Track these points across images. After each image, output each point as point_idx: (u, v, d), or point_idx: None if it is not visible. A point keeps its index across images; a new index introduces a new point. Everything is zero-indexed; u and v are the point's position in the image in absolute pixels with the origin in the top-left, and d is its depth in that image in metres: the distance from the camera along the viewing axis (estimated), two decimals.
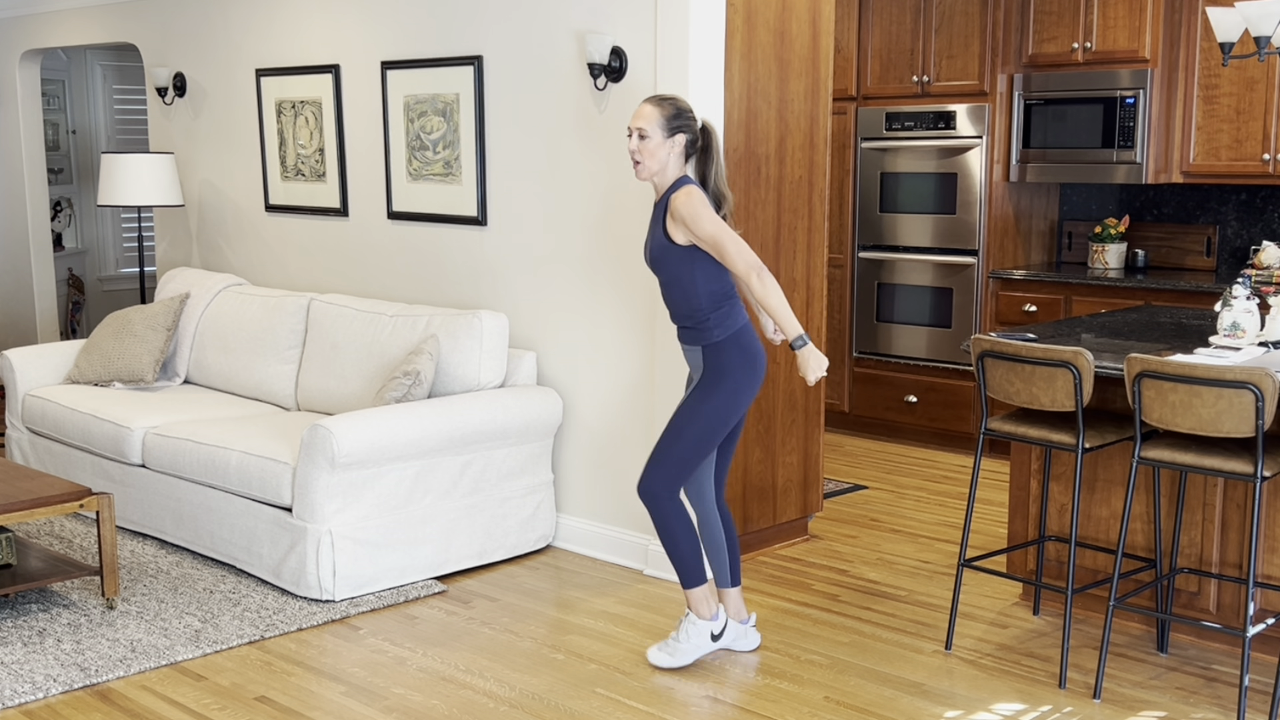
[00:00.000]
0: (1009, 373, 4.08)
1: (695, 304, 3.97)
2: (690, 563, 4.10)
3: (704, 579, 4.13)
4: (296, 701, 3.93)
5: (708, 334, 3.98)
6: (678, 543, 4.08)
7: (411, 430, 4.79)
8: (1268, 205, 6.47)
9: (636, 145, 3.96)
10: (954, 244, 6.95)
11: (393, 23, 5.82)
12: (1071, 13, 6.50)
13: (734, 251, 3.85)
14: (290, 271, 6.60)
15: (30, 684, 4.03)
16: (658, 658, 4.16)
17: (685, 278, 3.97)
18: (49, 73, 9.35)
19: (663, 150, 3.94)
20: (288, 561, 4.79)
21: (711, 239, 3.86)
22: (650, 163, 3.95)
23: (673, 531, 4.07)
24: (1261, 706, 3.85)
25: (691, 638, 4.14)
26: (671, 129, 3.93)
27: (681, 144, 3.96)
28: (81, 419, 5.73)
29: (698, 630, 4.14)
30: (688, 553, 4.09)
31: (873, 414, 7.42)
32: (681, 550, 4.09)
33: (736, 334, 3.98)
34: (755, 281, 3.85)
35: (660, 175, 3.98)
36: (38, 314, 8.68)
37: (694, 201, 3.87)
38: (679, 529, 4.06)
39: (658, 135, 3.93)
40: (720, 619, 4.19)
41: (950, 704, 3.89)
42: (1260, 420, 3.57)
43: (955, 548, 5.43)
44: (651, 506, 4.06)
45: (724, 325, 3.97)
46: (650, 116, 3.93)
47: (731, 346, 3.97)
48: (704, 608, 4.15)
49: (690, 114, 3.98)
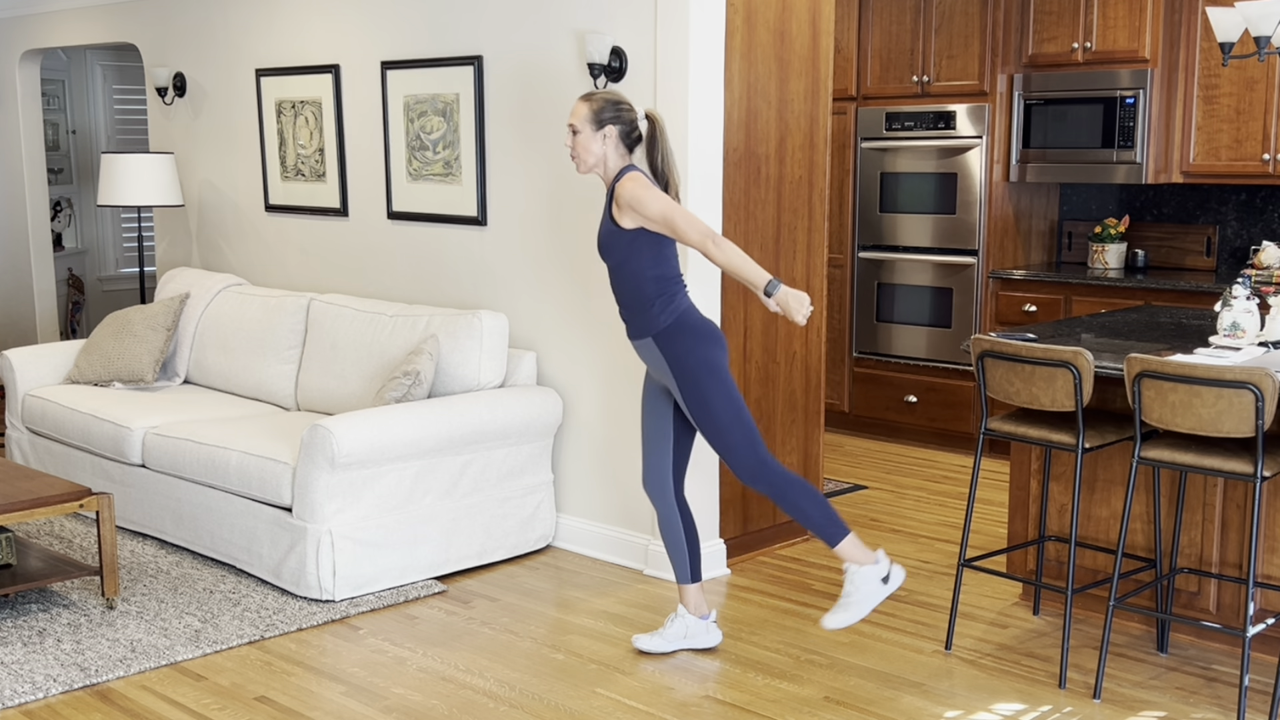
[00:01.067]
0: (1009, 373, 4.08)
1: (642, 289, 4.02)
2: (823, 520, 4.02)
3: (846, 530, 4.04)
4: (296, 701, 3.93)
5: (654, 320, 4.02)
6: (802, 506, 4.02)
7: (411, 430, 4.79)
8: (1268, 205, 6.47)
9: (570, 141, 4.08)
10: (954, 244, 6.95)
11: (392, 23, 5.83)
12: (1071, 13, 6.51)
13: (684, 224, 3.91)
14: (290, 271, 6.60)
15: (30, 684, 4.03)
16: (835, 619, 4.04)
17: (633, 261, 4.01)
18: (49, 73, 9.35)
19: (595, 143, 4.03)
20: (288, 561, 4.79)
21: (661, 215, 3.92)
22: (586, 156, 4.06)
23: (793, 499, 4.02)
24: (1261, 706, 3.85)
25: (861, 586, 4.05)
26: (599, 122, 4.02)
27: (614, 135, 4.04)
28: (81, 419, 5.73)
29: (865, 577, 4.05)
30: (817, 512, 4.02)
31: (873, 414, 7.42)
32: (809, 512, 4.01)
33: (681, 316, 4.03)
34: (712, 247, 3.89)
35: (602, 168, 4.07)
36: (38, 314, 8.68)
37: (637, 186, 3.95)
38: (796, 493, 4.01)
39: (587, 129, 4.03)
40: (883, 561, 4.08)
41: (950, 704, 3.89)
42: (1260, 420, 3.57)
43: (955, 548, 5.43)
44: (764, 487, 4.03)
45: (668, 310, 4.01)
46: (579, 112, 4.04)
47: (678, 330, 4.01)
48: (861, 554, 4.05)
49: (620, 105, 4.05)
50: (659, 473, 4.24)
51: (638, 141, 4.09)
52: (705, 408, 4.02)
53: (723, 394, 4.02)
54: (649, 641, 4.26)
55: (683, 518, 4.27)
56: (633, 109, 4.07)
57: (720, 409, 4.01)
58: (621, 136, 4.05)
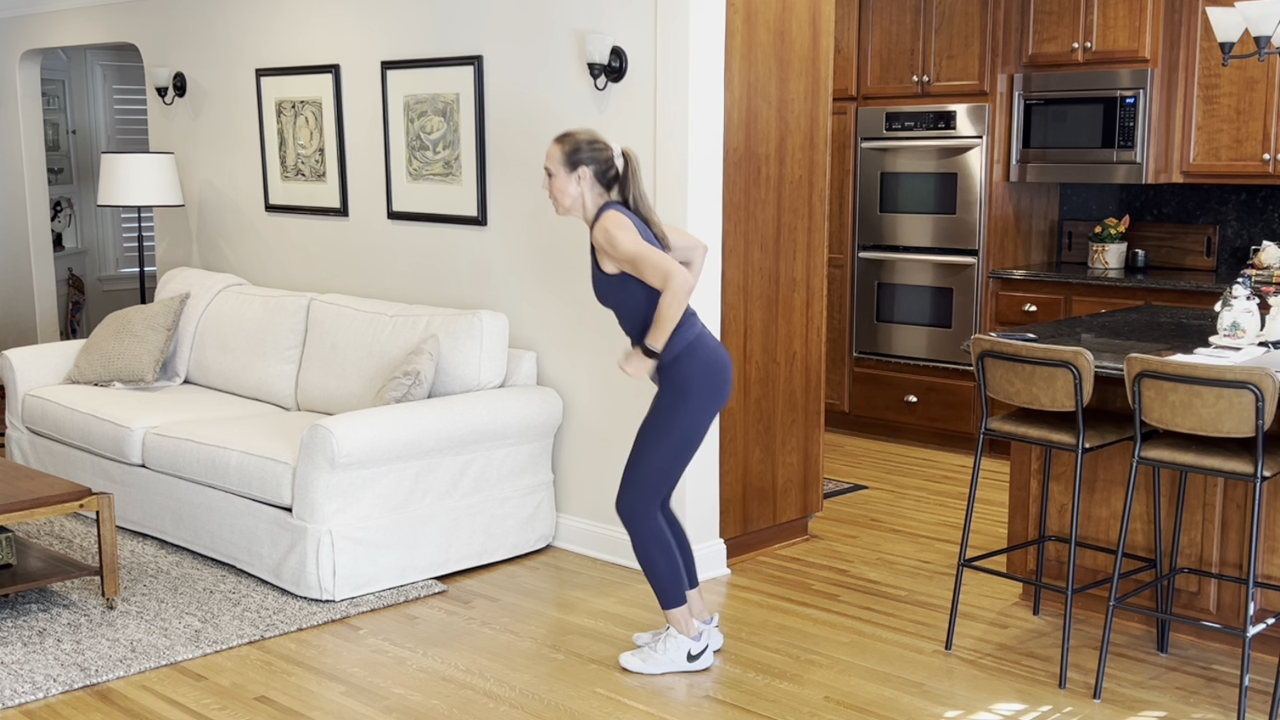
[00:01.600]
0: (1009, 373, 4.08)
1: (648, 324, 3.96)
2: (669, 584, 4.07)
3: (683, 600, 4.10)
4: (296, 701, 3.93)
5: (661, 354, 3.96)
6: (656, 564, 4.06)
7: (411, 430, 4.79)
8: (1268, 205, 6.47)
9: (546, 184, 4.04)
10: (954, 244, 6.95)
11: (392, 23, 5.82)
12: (1071, 13, 6.50)
13: (649, 267, 3.85)
14: (290, 271, 6.60)
15: (30, 684, 4.03)
16: (630, 661, 4.14)
17: (630, 303, 3.97)
18: (49, 73, 9.35)
19: (571, 185, 3.98)
20: (288, 561, 4.79)
21: (628, 257, 3.87)
22: (562, 199, 4.01)
23: (650, 553, 4.05)
24: (1261, 706, 3.85)
25: (670, 651, 4.11)
26: (572, 163, 3.97)
27: (589, 175, 3.97)
28: (81, 419, 5.73)
29: (677, 645, 4.11)
30: (666, 574, 4.06)
31: (873, 414, 7.42)
32: (660, 571, 4.06)
33: (691, 344, 3.95)
34: (673, 286, 3.81)
35: (579, 208, 4.01)
36: (38, 314, 8.68)
37: (610, 226, 3.88)
38: (656, 550, 4.04)
39: (561, 171, 3.98)
40: (701, 641, 4.14)
41: (950, 704, 3.89)
42: (1260, 420, 3.57)
43: (955, 548, 5.43)
44: (629, 527, 4.05)
45: (674, 343, 3.94)
46: (553, 155, 4.00)
47: (688, 359, 3.95)
48: (686, 628, 4.12)
49: (595, 144, 3.98)
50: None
51: (614, 180, 4.01)
52: (662, 432, 3.98)
53: (683, 436, 3.98)
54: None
55: (671, 528, 4.25)
56: (608, 147, 4.00)
57: (670, 444, 3.98)
58: (597, 176, 3.98)
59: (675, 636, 4.12)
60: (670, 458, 4.00)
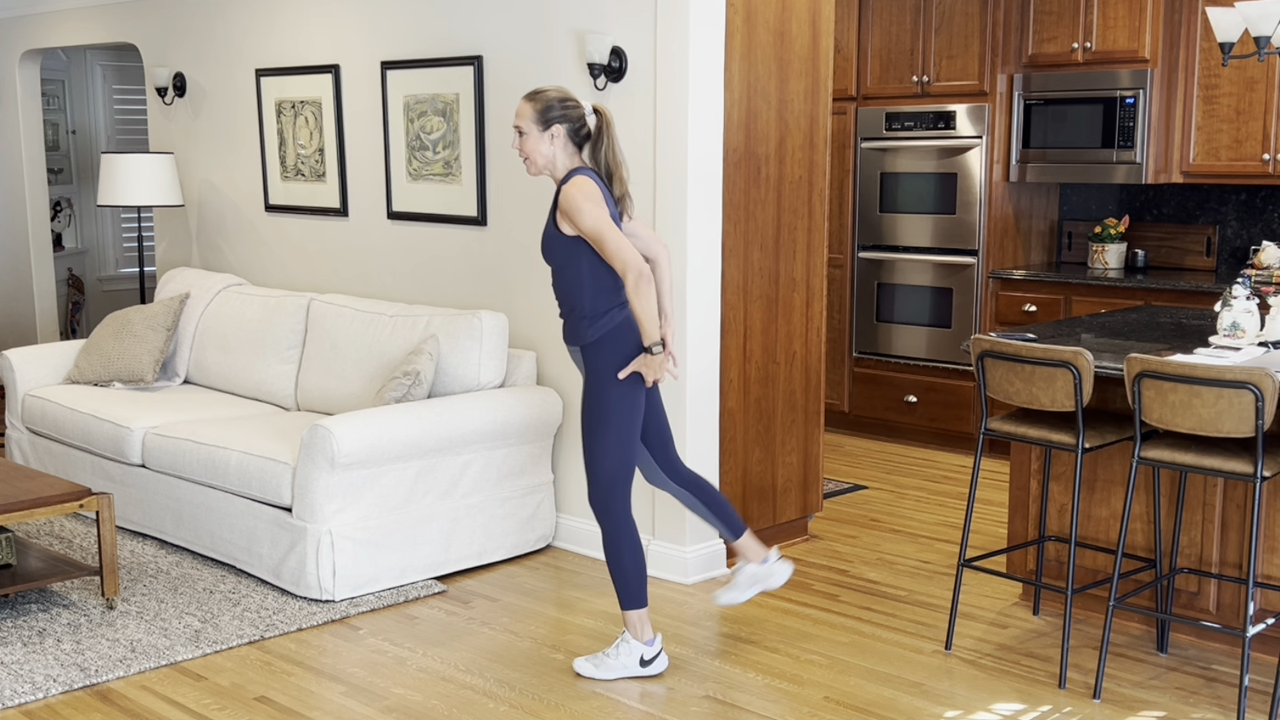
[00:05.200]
0: (1009, 373, 4.08)
1: (579, 298, 3.96)
2: (632, 584, 4.04)
3: (644, 602, 4.07)
4: (296, 701, 3.93)
5: (583, 332, 3.96)
6: (622, 561, 4.03)
7: (411, 430, 4.79)
8: (1268, 205, 6.47)
9: (517, 143, 3.98)
10: (954, 244, 6.95)
11: (393, 23, 5.83)
12: (1071, 13, 6.51)
13: (613, 249, 3.83)
14: (290, 271, 6.60)
15: (30, 684, 4.03)
16: (583, 666, 4.11)
17: (570, 269, 3.95)
18: (49, 73, 9.35)
19: (544, 144, 3.94)
20: (288, 561, 4.79)
21: (592, 232, 3.85)
22: (536, 157, 3.96)
23: (619, 548, 4.02)
24: (1261, 706, 3.85)
25: (622, 656, 4.08)
26: (545, 121, 3.92)
27: (562, 134, 3.94)
28: (81, 419, 5.73)
29: (630, 650, 4.08)
30: (631, 573, 4.03)
31: (873, 414, 7.42)
32: (625, 568, 4.03)
33: (614, 330, 3.94)
34: (630, 281, 3.82)
35: (551, 168, 3.97)
36: (38, 314, 8.68)
37: (578, 194, 3.85)
38: (625, 547, 4.02)
39: (534, 130, 3.93)
40: (655, 646, 4.11)
41: (950, 704, 3.89)
42: (1260, 420, 3.57)
43: (955, 548, 5.43)
44: (601, 522, 4.03)
45: (599, 324, 3.94)
46: (524, 113, 3.94)
47: (606, 343, 3.94)
48: (640, 630, 4.09)
49: (567, 102, 3.95)
50: (648, 468, 4.24)
51: (586, 139, 3.98)
52: (591, 431, 3.97)
53: (621, 418, 3.95)
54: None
55: (693, 489, 4.24)
56: (579, 105, 3.96)
57: (604, 439, 3.96)
58: (570, 135, 3.94)
59: (629, 641, 4.08)
60: (622, 443, 3.98)
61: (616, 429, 3.97)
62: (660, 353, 3.90)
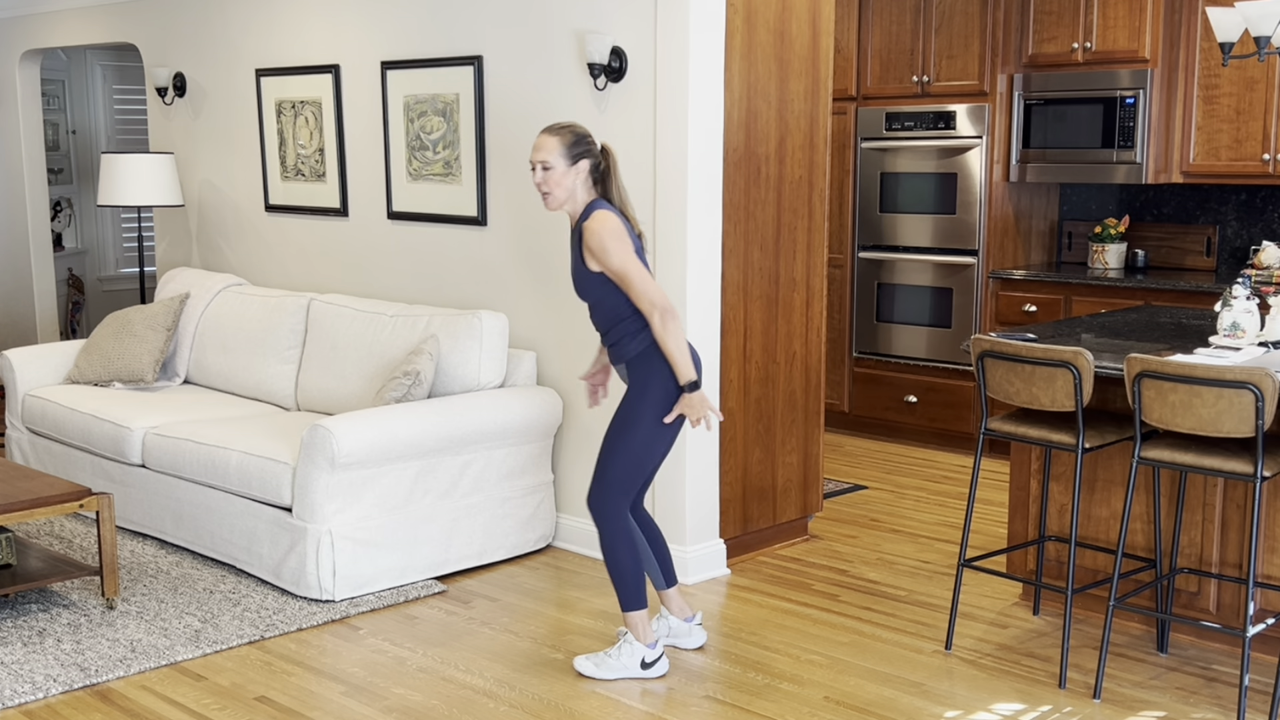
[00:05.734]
0: (1009, 373, 4.08)
1: (620, 322, 3.95)
2: (632, 586, 4.04)
3: (644, 604, 4.07)
4: (296, 701, 3.93)
5: (627, 349, 3.95)
6: (621, 564, 4.03)
7: (411, 430, 4.79)
8: (1268, 205, 6.47)
9: (542, 177, 3.93)
10: (954, 244, 6.95)
11: (393, 23, 5.83)
12: (1071, 13, 6.50)
13: (639, 290, 3.85)
14: (290, 271, 6.60)
15: (30, 684, 4.03)
16: (584, 665, 4.11)
17: (608, 300, 3.95)
18: (49, 73, 9.35)
19: (568, 179, 3.93)
20: (288, 561, 4.79)
21: (619, 271, 3.86)
22: (558, 192, 3.93)
23: (616, 552, 4.02)
24: (1261, 706, 3.85)
25: (623, 657, 4.08)
26: (574, 156, 3.92)
27: (586, 170, 3.94)
28: (81, 419, 5.73)
29: (631, 652, 4.08)
30: (630, 575, 4.03)
31: (873, 414, 7.42)
32: (624, 571, 4.03)
33: (653, 344, 3.93)
34: (656, 321, 3.83)
35: (572, 203, 3.97)
36: (38, 314, 8.68)
37: (604, 234, 3.85)
38: (623, 550, 4.02)
39: (561, 165, 3.91)
40: (657, 649, 4.11)
41: (950, 704, 3.89)
42: (1260, 420, 3.57)
43: (955, 548, 5.43)
44: (598, 524, 4.03)
45: (643, 337, 3.93)
46: (550, 146, 3.91)
47: (654, 355, 3.93)
48: (642, 633, 4.09)
49: (589, 139, 3.97)
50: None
51: (601, 175, 3.99)
52: (620, 434, 3.97)
53: (650, 432, 3.96)
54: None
55: (646, 530, 4.25)
56: (595, 143, 3.99)
57: (638, 441, 3.96)
58: (591, 170, 3.96)
59: (631, 643, 4.08)
60: (639, 454, 3.98)
61: (641, 442, 3.96)
62: (698, 392, 3.89)
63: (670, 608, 4.30)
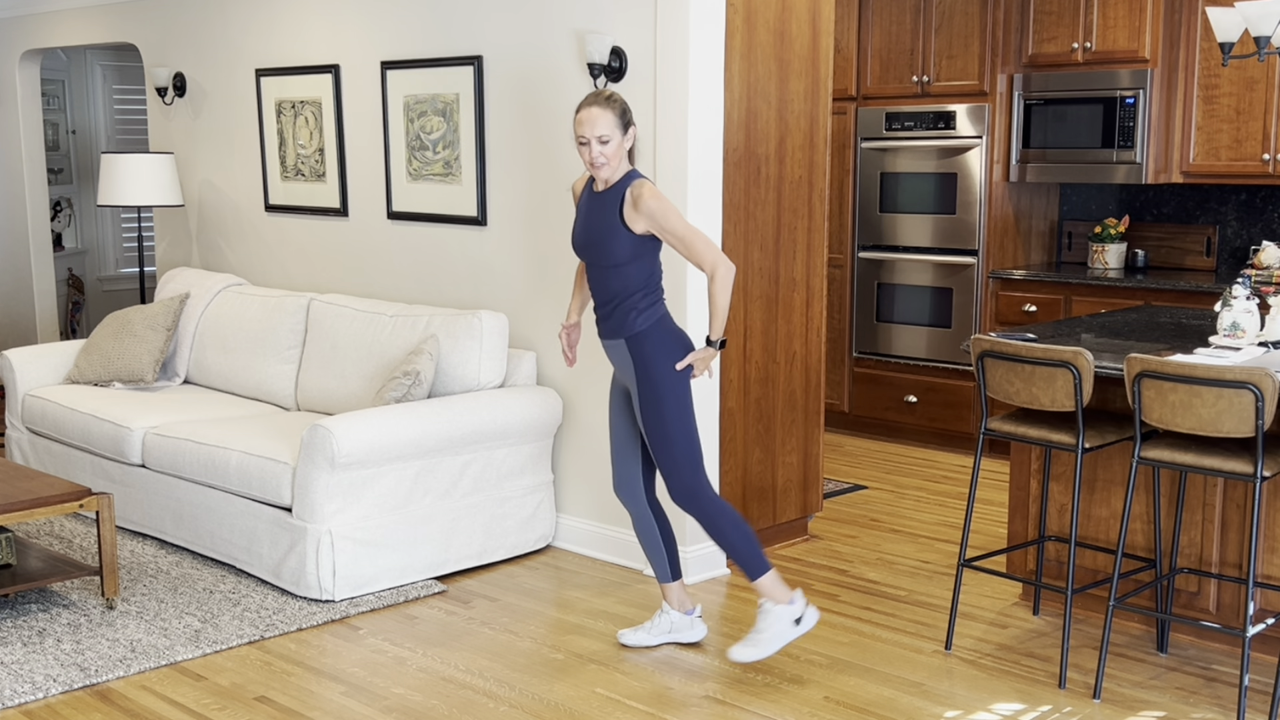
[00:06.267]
0: (1009, 373, 4.08)
1: (630, 292, 3.98)
2: (748, 552, 4.01)
3: (768, 565, 4.04)
4: (296, 701, 3.93)
5: (630, 323, 3.99)
6: (729, 536, 4.02)
7: (411, 430, 4.79)
8: (1268, 205, 6.47)
9: (599, 152, 3.89)
10: (954, 244, 6.95)
11: (393, 23, 5.83)
12: (1071, 13, 6.51)
13: (702, 248, 3.90)
14: (290, 271, 6.60)
15: (30, 684, 4.03)
16: (742, 653, 4.04)
17: (633, 264, 3.97)
18: (49, 73, 9.35)
19: (623, 148, 3.95)
20: (288, 561, 4.79)
21: (682, 237, 3.90)
22: (616, 162, 3.93)
23: (721, 527, 4.03)
24: (1261, 706, 3.85)
25: (773, 625, 4.04)
26: (625, 124, 3.93)
27: (634, 136, 3.98)
28: (81, 419, 5.73)
29: (778, 616, 4.04)
30: (742, 544, 4.02)
31: (873, 414, 7.42)
32: (735, 542, 4.02)
33: (658, 321, 4.01)
34: (722, 274, 3.88)
35: (618, 173, 3.99)
36: (38, 314, 8.68)
37: (660, 197, 3.90)
38: (726, 523, 4.02)
39: (617, 135, 3.91)
40: (799, 601, 4.07)
41: (950, 704, 3.89)
42: (1260, 420, 3.57)
43: (955, 548, 5.43)
44: (693, 511, 4.04)
45: (646, 314, 3.99)
46: (604, 120, 3.88)
47: (653, 334, 3.99)
48: (779, 592, 4.05)
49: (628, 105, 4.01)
50: (630, 477, 4.23)
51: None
52: (659, 417, 4.00)
53: (678, 407, 4.00)
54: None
55: (657, 519, 4.26)
56: None
57: (673, 421, 3.99)
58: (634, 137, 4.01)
59: (772, 608, 4.03)
60: (685, 422, 4.01)
61: (679, 416, 4.00)
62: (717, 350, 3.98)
63: (671, 601, 4.31)
